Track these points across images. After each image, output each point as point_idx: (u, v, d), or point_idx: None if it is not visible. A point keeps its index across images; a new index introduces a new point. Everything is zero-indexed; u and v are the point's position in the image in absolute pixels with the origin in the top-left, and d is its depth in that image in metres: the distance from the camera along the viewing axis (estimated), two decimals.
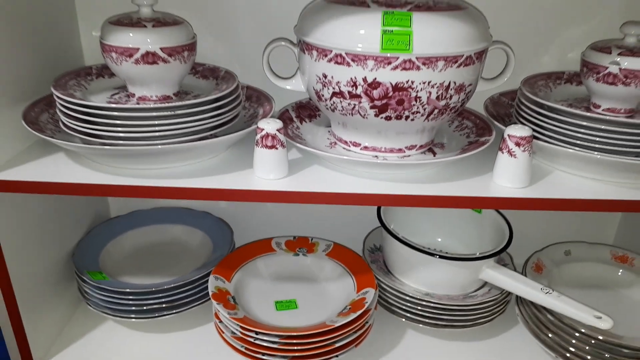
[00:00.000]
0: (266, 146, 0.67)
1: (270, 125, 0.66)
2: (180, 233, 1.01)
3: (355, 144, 0.74)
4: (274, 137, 0.67)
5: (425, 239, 0.94)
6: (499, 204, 0.67)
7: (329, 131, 0.81)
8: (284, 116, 0.81)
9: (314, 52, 0.66)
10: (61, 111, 0.71)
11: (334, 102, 0.68)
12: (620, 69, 0.69)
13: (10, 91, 0.72)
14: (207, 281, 0.85)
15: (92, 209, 0.99)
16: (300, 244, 0.95)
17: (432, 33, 0.61)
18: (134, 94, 0.74)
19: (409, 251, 0.81)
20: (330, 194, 0.67)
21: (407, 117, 0.66)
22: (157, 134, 0.68)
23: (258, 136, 0.67)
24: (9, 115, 0.72)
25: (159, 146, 0.67)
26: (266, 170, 0.68)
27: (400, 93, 0.64)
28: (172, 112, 0.68)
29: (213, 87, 0.80)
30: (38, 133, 0.69)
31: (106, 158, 0.70)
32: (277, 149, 0.67)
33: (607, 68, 0.70)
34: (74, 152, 0.74)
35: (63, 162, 0.73)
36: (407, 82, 0.63)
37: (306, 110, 0.86)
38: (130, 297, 0.83)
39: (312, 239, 0.96)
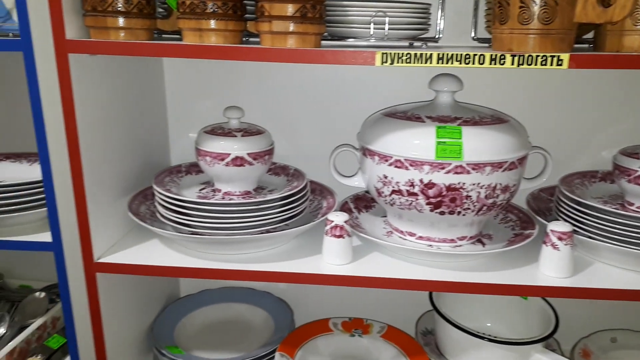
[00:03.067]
0: (335, 235, 0.77)
1: (338, 218, 0.77)
2: (244, 311, 1.09)
3: (411, 234, 0.83)
4: (341, 227, 0.77)
5: (474, 324, 0.99)
6: (546, 293, 0.74)
7: (384, 221, 0.91)
8: (344, 207, 0.92)
9: (376, 157, 0.78)
10: (160, 204, 0.83)
11: (392, 199, 0.79)
12: None
13: (116, 187, 0.86)
14: (272, 358, 0.93)
15: (167, 288, 1.10)
16: (356, 325, 1.02)
17: (480, 144, 0.72)
18: (220, 190, 0.87)
19: (462, 335, 0.87)
20: (391, 279, 0.76)
21: (458, 213, 0.76)
22: (239, 224, 0.79)
23: (328, 227, 0.78)
24: (115, 207, 0.85)
25: (245, 236, 0.78)
26: (334, 257, 0.78)
27: (453, 192, 0.74)
28: (257, 207, 0.79)
29: (284, 183, 0.93)
30: (142, 223, 0.81)
31: (195, 244, 0.81)
32: (344, 238, 0.77)
33: (637, 171, 0.79)
34: (167, 238, 0.86)
35: (157, 247, 0.84)
36: (458, 183, 0.73)
37: (363, 201, 0.97)
38: None
39: (366, 321, 1.03)
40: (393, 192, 0.78)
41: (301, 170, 0.94)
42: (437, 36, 0.80)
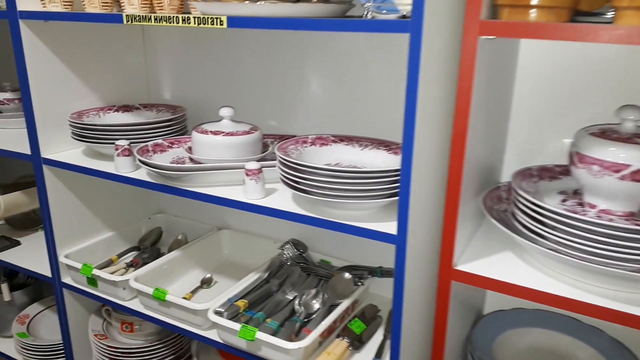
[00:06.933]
0: None
1: None
2: (566, 343, 0.93)
3: None
4: None
5: None
6: None
7: None
8: None
9: None
10: (520, 210, 0.72)
11: None
12: None
13: (472, 186, 0.77)
14: None
15: (478, 300, 1.00)
16: None
17: None
18: (594, 205, 0.72)
19: None
20: None
21: None
22: (620, 254, 0.63)
23: None
24: (468, 208, 0.77)
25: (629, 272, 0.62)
26: None
27: None
28: None
29: None
30: (507, 230, 0.72)
31: (560, 265, 0.69)
32: None
33: None
34: (518, 248, 0.75)
35: (508, 258, 0.75)
36: None
37: None
38: None
39: None
40: None
41: None
42: None
